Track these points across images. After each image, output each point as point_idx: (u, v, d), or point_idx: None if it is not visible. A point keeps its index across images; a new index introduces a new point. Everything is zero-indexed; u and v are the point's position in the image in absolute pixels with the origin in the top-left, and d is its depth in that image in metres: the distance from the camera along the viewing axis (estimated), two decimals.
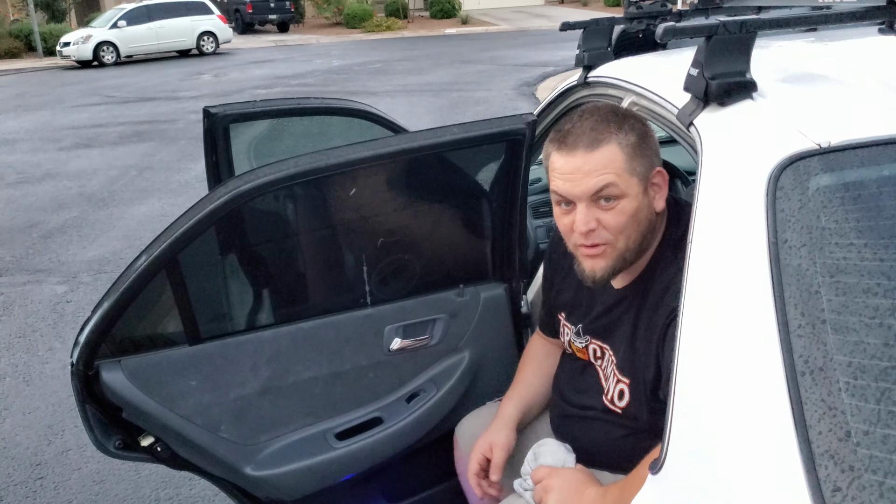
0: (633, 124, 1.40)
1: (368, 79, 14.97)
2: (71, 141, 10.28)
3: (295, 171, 1.53)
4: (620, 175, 1.35)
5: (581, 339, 1.59)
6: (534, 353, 1.82)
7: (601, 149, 1.35)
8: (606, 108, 1.43)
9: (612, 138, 1.35)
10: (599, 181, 1.34)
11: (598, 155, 1.35)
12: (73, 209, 6.98)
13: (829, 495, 0.79)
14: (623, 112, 1.44)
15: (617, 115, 1.40)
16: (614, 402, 1.48)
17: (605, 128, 1.36)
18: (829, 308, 0.90)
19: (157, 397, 1.64)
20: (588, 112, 1.41)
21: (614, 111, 1.42)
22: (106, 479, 3.05)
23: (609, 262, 1.41)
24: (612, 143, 1.35)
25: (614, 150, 1.35)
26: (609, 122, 1.37)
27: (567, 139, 1.38)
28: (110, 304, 1.53)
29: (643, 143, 1.39)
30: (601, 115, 1.39)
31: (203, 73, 17.63)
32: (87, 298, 4.88)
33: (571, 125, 1.39)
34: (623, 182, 1.35)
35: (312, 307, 1.79)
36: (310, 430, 1.81)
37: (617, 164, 1.35)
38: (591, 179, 1.35)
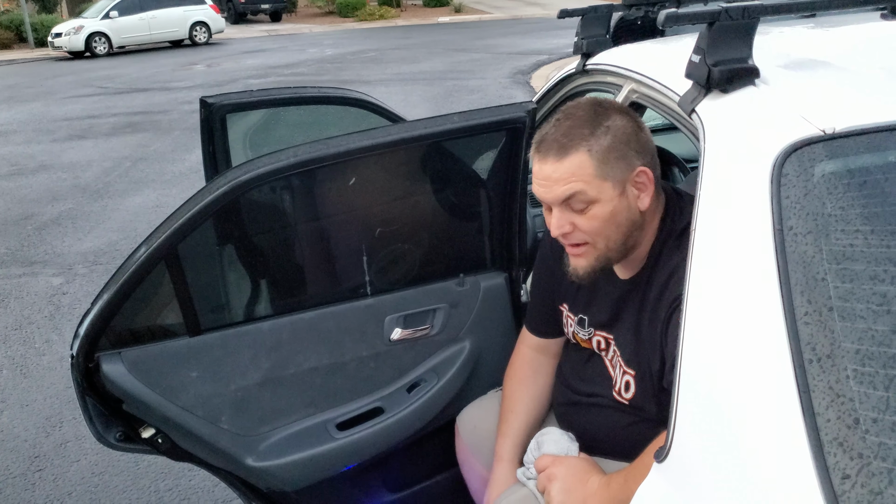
0: (613, 124, 1.36)
1: (362, 68, 14.92)
2: (64, 132, 10.23)
3: (294, 160, 1.52)
4: (590, 182, 1.34)
5: (585, 331, 1.58)
6: (521, 374, 1.76)
7: (569, 157, 1.34)
8: (587, 108, 1.40)
9: (582, 145, 1.34)
10: (567, 190, 1.35)
11: (566, 163, 1.34)
12: (67, 201, 6.95)
13: (838, 483, 0.78)
14: (605, 111, 1.39)
15: (596, 117, 1.37)
16: (621, 393, 1.48)
17: (577, 133, 1.35)
18: (836, 295, 0.90)
19: (158, 389, 1.64)
20: (566, 115, 1.39)
21: (595, 112, 1.38)
22: (105, 471, 3.05)
23: (590, 261, 1.42)
24: (580, 151, 1.34)
25: (583, 157, 1.34)
26: (583, 127, 1.35)
27: (541, 146, 1.38)
28: (110, 295, 1.52)
29: (621, 145, 1.36)
30: (577, 119, 1.37)
31: (196, 63, 17.54)
32: (83, 290, 4.86)
33: (547, 130, 1.38)
34: (593, 189, 1.34)
35: (312, 297, 1.78)
36: (311, 421, 1.80)
37: (585, 171, 1.34)
38: (560, 188, 1.35)
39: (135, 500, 2.86)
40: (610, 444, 1.51)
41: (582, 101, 1.44)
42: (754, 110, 1.17)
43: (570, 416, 1.61)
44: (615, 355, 1.51)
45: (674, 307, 1.33)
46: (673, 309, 1.34)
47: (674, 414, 1.03)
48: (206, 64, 17.21)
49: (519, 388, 1.73)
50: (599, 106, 1.40)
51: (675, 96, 1.39)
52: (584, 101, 1.43)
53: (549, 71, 12.55)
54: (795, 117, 1.09)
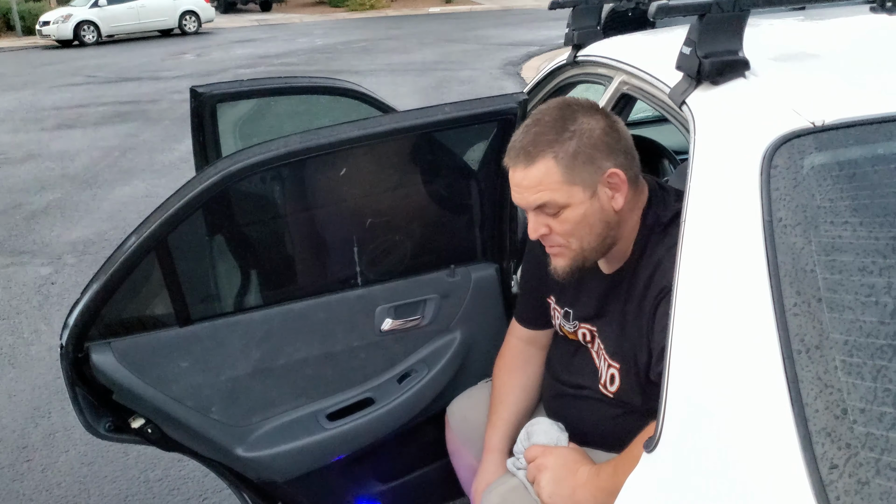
0: (580, 128, 1.35)
1: (352, 58, 14.87)
2: (53, 121, 10.16)
3: (285, 151, 1.51)
4: (558, 189, 1.34)
5: (570, 324, 1.59)
6: (510, 365, 1.77)
7: (535, 165, 1.34)
8: (554, 112, 1.38)
9: (548, 153, 1.33)
10: (536, 198, 1.36)
11: (532, 171, 1.34)
12: (56, 190, 6.91)
13: (825, 472, 0.79)
14: (573, 114, 1.38)
15: (563, 121, 1.36)
16: (606, 386, 1.49)
17: (543, 140, 1.34)
18: (825, 286, 0.91)
19: (148, 379, 1.63)
20: (534, 121, 1.38)
21: (562, 116, 1.37)
22: (94, 461, 3.04)
23: (568, 261, 1.44)
24: (546, 158, 1.33)
25: (549, 164, 1.34)
26: (548, 133, 1.35)
27: (510, 152, 1.38)
28: (100, 285, 1.51)
29: (589, 149, 1.35)
30: (543, 124, 1.36)
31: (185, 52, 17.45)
32: (71, 280, 4.84)
33: (518, 136, 1.39)
34: (562, 195, 1.35)
35: (303, 288, 1.78)
36: (301, 411, 1.81)
37: (552, 178, 1.34)
38: (531, 195, 1.36)
39: (124, 489, 2.86)
40: (597, 436, 1.52)
41: (551, 104, 1.43)
42: (744, 102, 1.18)
43: (559, 408, 1.62)
44: (600, 348, 1.52)
45: (660, 299, 1.34)
46: (659, 301, 1.34)
47: (663, 405, 1.04)
48: (196, 53, 17.11)
49: (508, 378, 1.74)
50: (567, 108, 1.39)
51: (666, 88, 1.39)
52: (552, 105, 1.42)
53: (540, 62, 12.54)
54: (785, 109, 1.09)
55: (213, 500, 2.76)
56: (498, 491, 1.52)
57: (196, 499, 2.78)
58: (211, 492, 2.80)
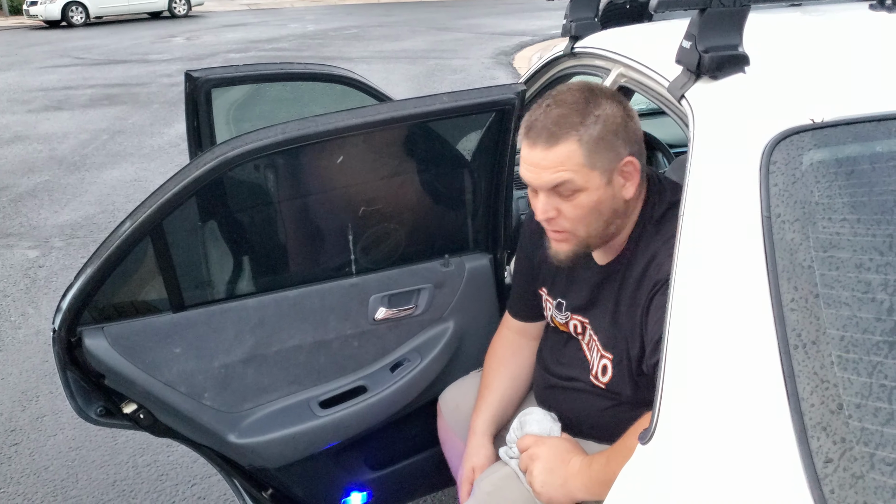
0: (603, 113, 1.35)
1: (344, 44, 14.79)
2: (40, 103, 10.06)
3: (283, 137, 1.51)
4: (578, 171, 1.34)
5: (562, 315, 1.59)
6: (500, 354, 1.78)
7: (559, 146, 1.33)
8: (578, 95, 1.38)
9: (572, 134, 1.33)
10: (556, 178, 1.34)
11: (555, 151, 1.33)
12: (43, 173, 6.85)
13: (820, 466, 0.80)
14: (596, 98, 1.37)
15: (587, 105, 1.35)
16: (598, 377, 1.49)
17: (567, 122, 1.33)
18: (822, 282, 0.92)
19: (141, 364, 1.63)
20: (556, 101, 1.37)
21: (586, 99, 1.36)
22: (83, 446, 3.04)
23: (571, 247, 1.44)
24: (570, 140, 1.33)
25: (573, 146, 1.33)
26: (573, 115, 1.34)
27: (531, 131, 1.36)
28: (93, 269, 1.51)
29: (610, 134, 1.35)
30: (568, 106, 1.35)
31: (175, 35, 17.30)
32: (59, 263, 4.81)
33: (538, 115, 1.37)
34: (581, 177, 1.34)
35: (297, 275, 1.78)
36: (293, 399, 1.81)
37: (575, 160, 1.33)
38: (549, 175, 1.35)
39: (112, 474, 2.86)
40: (589, 427, 1.53)
41: (573, 86, 1.43)
42: (744, 98, 1.18)
43: (550, 399, 1.63)
44: (592, 339, 1.52)
45: (655, 292, 1.34)
46: (654, 294, 1.35)
47: (659, 396, 1.05)
48: (186, 37, 16.98)
49: (497, 366, 1.75)
50: (590, 93, 1.39)
51: (665, 82, 1.39)
52: (574, 87, 1.41)
53: (533, 52, 12.53)
54: (785, 106, 1.10)
55: (202, 486, 2.76)
56: (490, 479, 1.53)
57: (185, 484, 2.78)
58: (200, 477, 2.80)
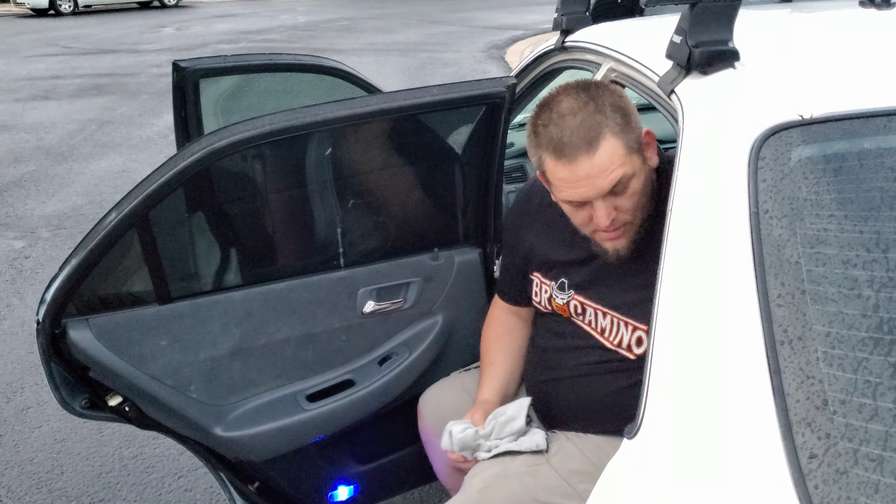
0: (611, 100, 1.35)
1: (335, 36, 14.75)
2: (27, 92, 9.98)
3: (271, 128, 1.50)
4: (626, 162, 1.33)
5: (564, 295, 1.58)
6: (497, 333, 1.79)
7: (601, 147, 1.31)
8: (580, 94, 1.36)
9: (605, 130, 1.32)
10: (613, 178, 1.33)
11: (600, 154, 1.31)
12: (30, 163, 6.80)
13: (805, 461, 0.80)
14: (597, 90, 1.37)
15: (594, 100, 1.35)
16: (631, 348, 1.46)
17: (594, 122, 1.32)
18: (809, 279, 0.92)
19: (126, 357, 1.62)
20: (566, 111, 1.34)
21: (589, 95, 1.36)
22: (68, 438, 3.02)
23: (630, 237, 1.43)
24: (607, 136, 1.32)
25: (611, 141, 1.32)
26: (595, 114, 1.33)
27: (564, 149, 1.32)
28: (78, 261, 1.49)
29: (628, 115, 1.36)
30: (581, 109, 1.33)
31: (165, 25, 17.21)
32: (45, 254, 4.77)
33: (560, 130, 1.33)
34: (630, 166, 1.34)
35: (285, 268, 1.77)
36: (280, 392, 1.80)
37: (619, 153, 1.32)
38: (604, 180, 1.33)
39: (98, 467, 2.84)
40: (599, 413, 1.52)
41: (567, 91, 1.39)
42: (734, 93, 1.18)
43: (551, 392, 1.61)
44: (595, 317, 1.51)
45: None
46: None
47: (645, 391, 1.05)
48: (176, 27, 16.88)
49: (495, 343, 1.78)
50: (586, 89, 1.38)
51: (655, 76, 1.39)
52: (570, 91, 1.38)
53: (525, 46, 12.52)
54: (774, 101, 1.10)
55: (188, 479, 2.75)
56: (482, 476, 1.52)
57: (171, 477, 2.77)
58: (186, 470, 2.79)
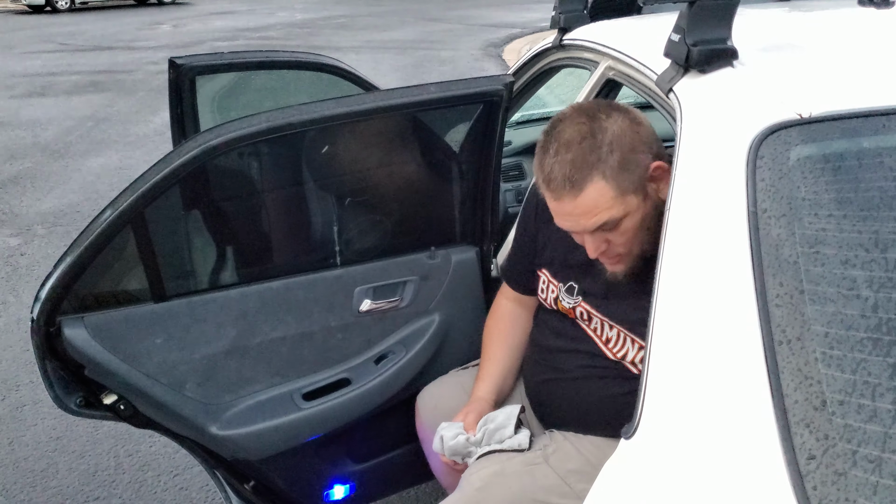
0: (614, 137, 1.29)
1: (332, 34, 14.73)
2: (23, 89, 9.95)
3: (267, 126, 1.49)
4: (614, 205, 1.30)
5: (571, 299, 1.57)
6: (500, 326, 1.79)
7: (585, 191, 1.28)
8: (581, 125, 1.31)
9: (595, 173, 1.28)
10: (595, 221, 1.31)
11: (584, 197, 1.29)
12: (26, 159, 6.78)
13: (803, 463, 0.80)
14: (600, 121, 1.31)
15: (594, 136, 1.29)
16: (635, 363, 1.46)
17: (585, 162, 1.28)
18: (808, 279, 0.91)
19: (121, 355, 1.61)
20: (564, 143, 1.30)
21: (591, 128, 1.30)
22: (63, 436, 3.01)
23: (627, 265, 1.42)
24: (595, 180, 1.28)
25: (599, 186, 1.28)
26: (587, 153, 1.28)
27: (551, 183, 1.31)
28: (73, 258, 1.48)
29: (629, 154, 1.30)
30: (577, 144, 1.29)
31: (162, 23, 17.17)
32: (41, 251, 4.76)
33: (552, 164, 1.30)
34: (618, 208, 1.31)
35: (281, 266, 1.76)
36: (276, 391, 1.79)
37: (606, 196, 1.29)
38: (587, 220, 1.32)
39: (93, 465, 2.83)
40: (598, 416, 1.51)
41: (572, 116, 1.35)
42: (732, 92, 1.18)
43: (550, 392, 1.61)
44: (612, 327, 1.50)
45: None
46: None
47: (643, 391, 1.04)
48: (173, 24, 16.85)
49: (498, 337, 1.78)
50: (592, 118, 1.32)
51: (653, 75, 1.38)
52: (574, 117, 1.34)
53: (522, 44, 12.51)
54: (773, 100, 1.09)
55: (184, 477, 2.74)
56: (479, 475, 1.52)
57: (167, 475, 2.76)
58: (182, 468, 2.78)
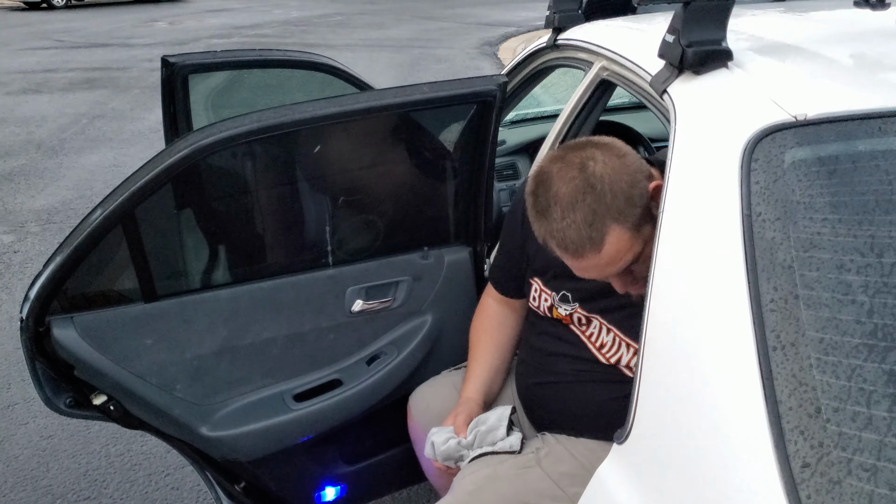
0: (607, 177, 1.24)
1: (328, 32, 14.70)
2: (18, 85, 9.92)
3: (258, 125, 1.47)
4: (633, 244, 1.27)
5: (567, 306, 1.56)
6: (486, 326, 1.78)
7: (606, 241, 1.25)
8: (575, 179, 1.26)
9: (608, 222, 1.24)
10: (621, 266, 1.29)
11: (606, 249, 1.26)
12: (20, 156, 6.75)
13: (797, 470, 0.79)
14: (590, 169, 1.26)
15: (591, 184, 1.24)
16: (630, 367, 1.45)
17: (596, 218, 1.24)
18: (802, 283, 0.90)
19: (111, 355, 1.60)
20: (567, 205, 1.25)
21: (586, 180, 1.25)
22: (54, 435, 2.99)
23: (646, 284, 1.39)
24: (611, 228, 1.24)
25: (616, 231, 1.25)
26: (594, 206, 1.24)
27: (569, 247, 1.27)
28: (63, 258, 1.47)
29: (629, 189, 1.25)
30: (581, 202, 1.24)
31: (158, 20, 17.13)
32: (35, 249, 4.74)
33: (562, 228, 1.26)
34: (638, 244, 1.27)
35: (272, 266, 1.75)
36: (267, 392, 1.78)
37: (625, 239, 1.26)
38: (613, 268, 1.29)
39: (84, 464, 2.82)
40: (593, 419, 1.51)
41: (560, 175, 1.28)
42: (727, 93, 1.17)
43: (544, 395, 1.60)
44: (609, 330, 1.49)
45: None
46: None
47: (635, 396, 1.03)
48: (168, 21, 16.81)
49: (484, 337, 1.77)
50: (581, 169, 1.27)
51: (647, 76, 1.38)
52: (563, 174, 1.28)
53: (517, 43, 12.49)
54: (767, 102, 1.08)
55: (175, 476, 2.73)
56: (472, 478, 1.51)
57: (158, 474, 2.74)
58: (174, 468, 2.76)
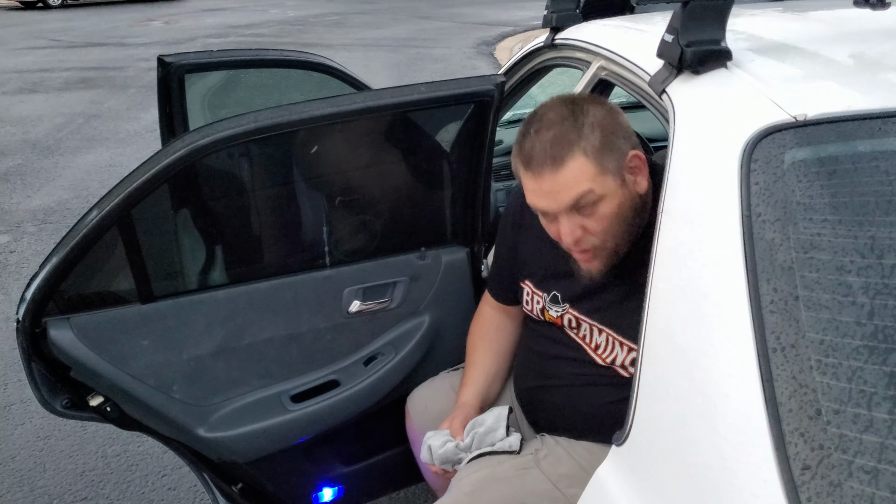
0: (595, 119, 1.32)
1: (324, 31, 14.69)
2: (14, 85, 9.89)
3: (255, 126, 1.47)
4: (593, 181, 1.30)
5: (558, 308, 1.55)
6: (483, 332, 1.78)
7: (566, 166, 1.29)
8: (563, 108, 1.34)
9: (576, 149, 1.29)
10: (573, 195, 1.30)
11: (565, 172, 1.29)
12: (16, 156, 6.73)
13: (798, 473, 0.78)
14: (581, 106, 1.34)
15: (575, 117, 1.32)
16: (626, 367, 1.45)
17: (566, 139, 1.30)
18: (802, 284, 0.90)
19: (108, 356, 1.59)
20: (545, 123, 1.33)
21: (572, 111, 1.33)
22: (51, 435, 2.98)
23: (602, 261, 1.40)
24: (576, 155, 1.29)
25: (580, 160, 1.29)
26: (569, 131, 1.30)
27: (531, 162, 1.32)
28: (59, 259, 1.46)
29: (610, 135, 1.32)
30: (559, 123, 1.31)
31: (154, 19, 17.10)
32: (31, 249, 4.72)
33: (532, 143, 1.32)
34: (598, 186, 1.30)
35: (270, 267, 1.74)
36: (264, 392, 1.77)
37: (586, 173, 1.29)
38: (565, 195, 1.31)
39: (81, 465, 2.81)
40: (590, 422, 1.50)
41: (553, 103, 1.38)
42: (726, 93, 1.16)
43: (542, 399, 1.60)
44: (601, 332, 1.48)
45: None
46: None
47: (634, 398, 1.03)
48: (165, 20, 16.78)
49: (480, 343, 1.77)
50: (573, 103, 1.35)
51: (646, 76, 1.37)
52: (555, 103, 1.37)
53: (514, 43, 12.49)
54: (767, 102, 1.08)
55: (172, 477, 2.72)
56: (470, 479, 1.50)
57: (155, 475, 2.74)
58: (171, 468, 2.76)
